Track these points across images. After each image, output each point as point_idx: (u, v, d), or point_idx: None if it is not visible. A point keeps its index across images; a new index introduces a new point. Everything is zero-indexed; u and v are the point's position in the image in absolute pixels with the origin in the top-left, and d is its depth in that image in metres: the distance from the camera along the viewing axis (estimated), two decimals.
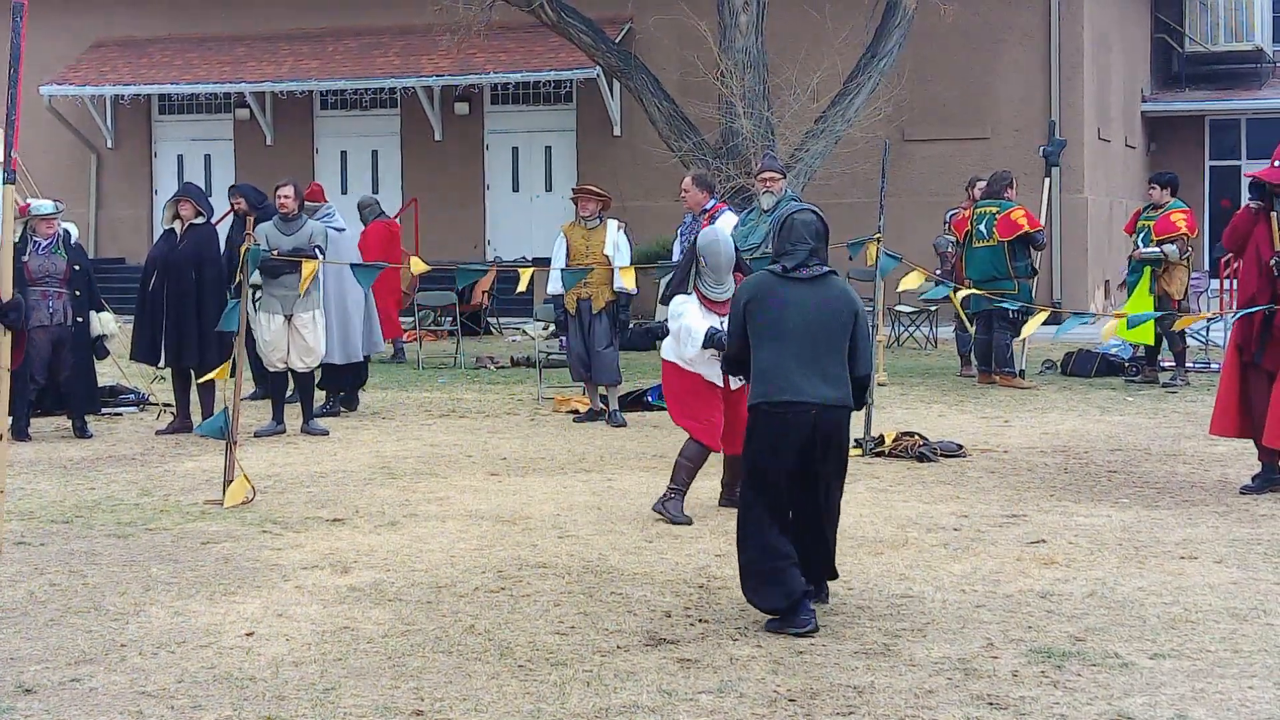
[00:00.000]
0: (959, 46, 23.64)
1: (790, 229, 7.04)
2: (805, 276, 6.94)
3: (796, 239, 7.00)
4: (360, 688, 5.85)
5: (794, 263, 6.96)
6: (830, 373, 6.80)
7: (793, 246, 7.00)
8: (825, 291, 6.94)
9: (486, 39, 21.58)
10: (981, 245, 15.75)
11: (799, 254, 6.97)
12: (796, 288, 6.90)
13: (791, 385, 6.75)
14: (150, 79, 26.70)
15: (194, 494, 9.89)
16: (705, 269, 8.82)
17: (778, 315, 6.86)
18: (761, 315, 6.91)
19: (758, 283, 7.06)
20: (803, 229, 7.01)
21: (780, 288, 6.94)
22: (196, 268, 12.37)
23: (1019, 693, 5.77)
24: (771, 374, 6.81)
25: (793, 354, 6.79)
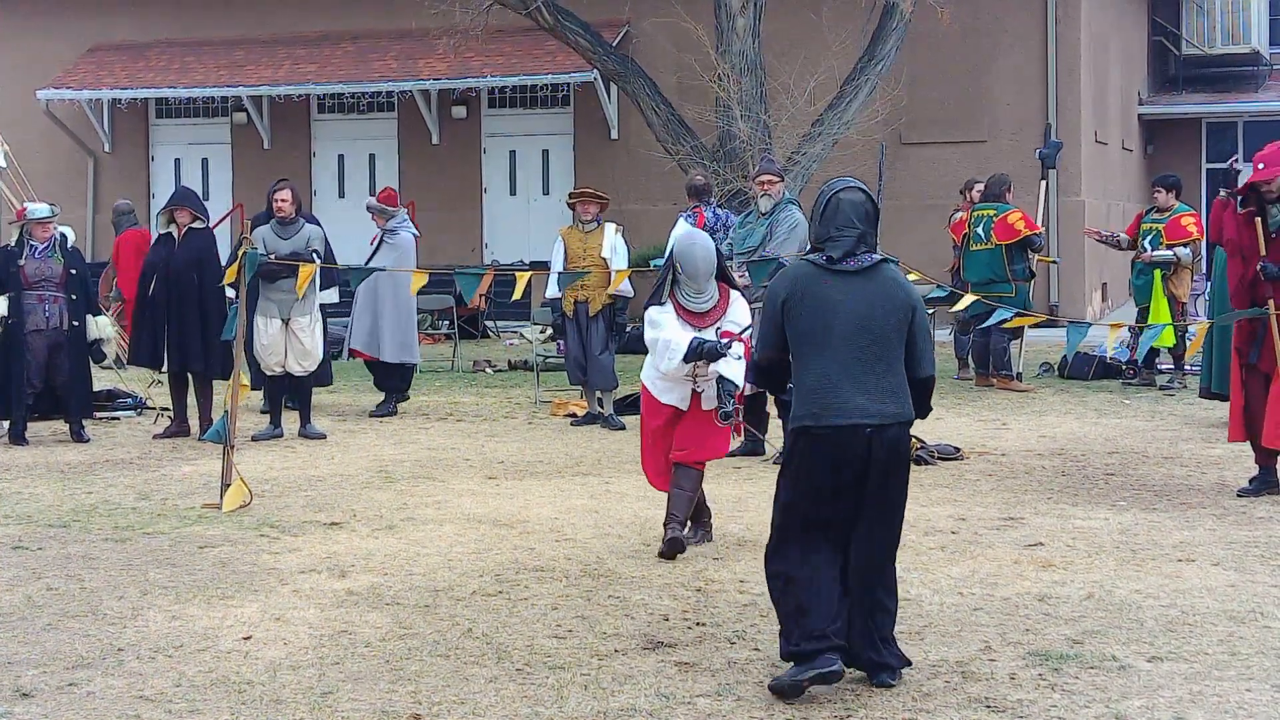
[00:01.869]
0: (956, 49, 23.65)
1: (835, 210, 5.95)
2: (854, 268, 5.89)
3: (843, 222, 5.92)
4: (358, 691, 5.85)
5: (840, 251, 5.89)
6: (886, 383, 5.80)
7: (839, 231, 5.91)
8: (878, 285, 5.90)
9: (484, 43, 21.56)
10: (979, 248, 15.76)
11: (845, 240, 5.90)
12: (844, 282, 5.86)
13: (843, 403, 5.75)
14: (147, 83, 26.68)
15: (191, 498, 9.89)
16: (682, 277, 8.00)
17: (824, 318, 5.81)
18: (805, 318, 5.84)
19: (796, 276, 5.97)
20: (850, 211, 5.94)
21: (825, 283, 5.87)
22: (198, 272, 12.36)
23: (1016, 695, 5.77)
24: (820, 390, 5.78)
25: (842, 364, 5.77)
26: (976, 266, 15.76)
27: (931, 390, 6.07)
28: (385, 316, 13.62)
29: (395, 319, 13.71)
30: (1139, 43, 29.57)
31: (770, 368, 6.12)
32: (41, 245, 12.37)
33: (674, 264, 8.01)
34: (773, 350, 6.03)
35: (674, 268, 8.01)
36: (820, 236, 5.98)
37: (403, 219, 14.10)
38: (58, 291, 12.33)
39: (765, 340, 6.06)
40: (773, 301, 5.98)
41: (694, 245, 7.98)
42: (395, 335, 13.72)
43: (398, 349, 13.77)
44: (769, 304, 6.02)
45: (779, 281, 6.07)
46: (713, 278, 8.00)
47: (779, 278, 6.15)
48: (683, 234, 8.26)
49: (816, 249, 6.00)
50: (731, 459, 11.36)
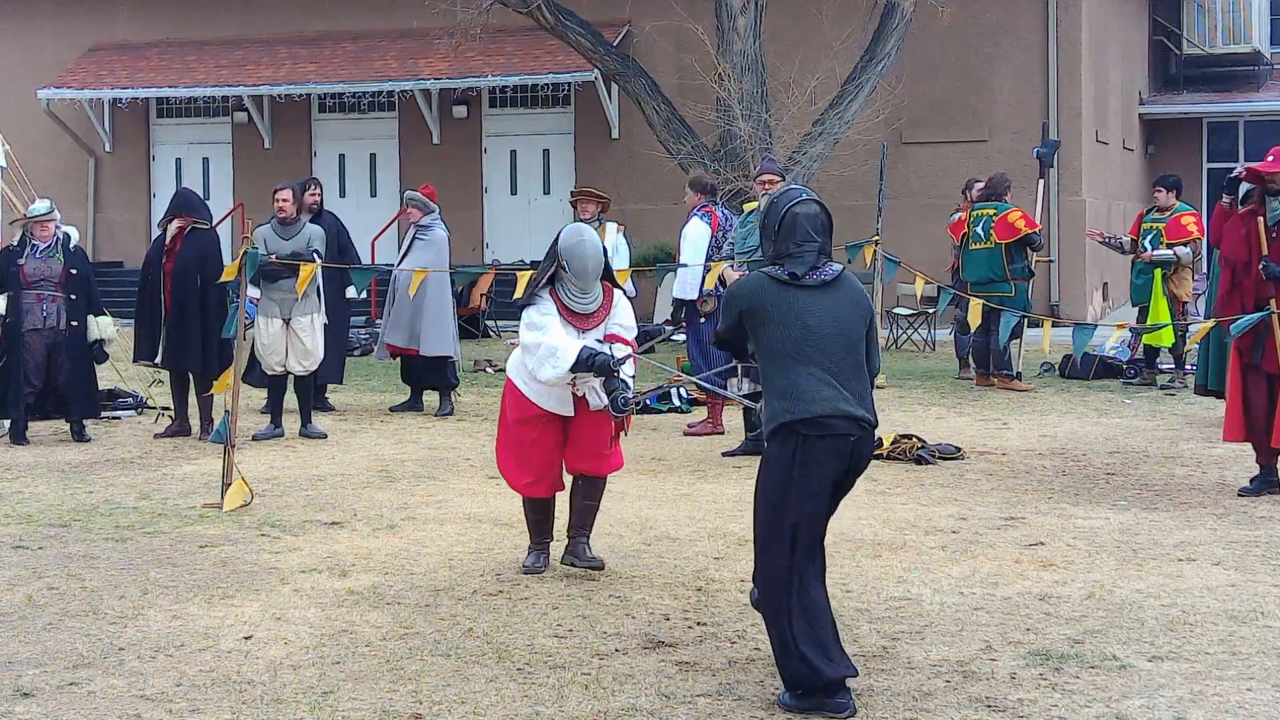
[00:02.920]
0: (957, 49, 23.65)
1: (793, 225, 5.88)
2: (817, 282, 5.84)
3: (802, 237, 5.86)
4: (358, 691, 5.85)
5: (804, 268, 5.84)
6: (857, 390, 5.81)
7: (798, 248, 5.86)
8: (845, 295, 5.88)
9: (484, 42, 21.58)
10: (979, 247, 15.75)
11: (807, 256, 5.85)
12: (812, 297, 5.80)
13: (828, 402, 5.72)
14: (148, 82, 26.69)
15: (192, 497, 9.89)
16: (568, 275, 7.39)
17: (798, 333, 5.75)
18: (774, 334, 5.79)
19: (754, 290, 5.88)
20: (808, 224, 5.88)
21: (790, 299, 5.80)
22: (200, 272, 12.36)
23: (1017, 695, 5.78)
24: (799, 391, 5.73)
25: (823, 372, 5.74)
26: (976, 266, 15.76)
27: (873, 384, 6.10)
28: (425, 313, 13.64)
29: (436, 314, 13.77)
30: (1140, 42, 29.57)
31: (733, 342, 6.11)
32: (43, 245, 12.37)
33: (559, 261, 7.40)
34: (732, 335, 6.02)
35: (557, 265, 7.41)
36: (779, 252, 5.90)
37: (437, 215, 14.14)
38: (56, 291, 12.32)
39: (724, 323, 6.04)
40: (729, 311, 5.97)
41: (583, 241, 7.40)
42: (434, 330, 13.74)
43: (437, 343, 13.80)
44: (727, 306, 6.01)
45: (736, 294, 5.98)
46: (599, 278, 7.47)
47: (737, 289, 6.02)
48: (570, 229, 7.56)
49: (774, 262, 5.92)
50: (731, 459, 11.38)
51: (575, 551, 7.66)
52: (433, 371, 14.04)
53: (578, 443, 7.57)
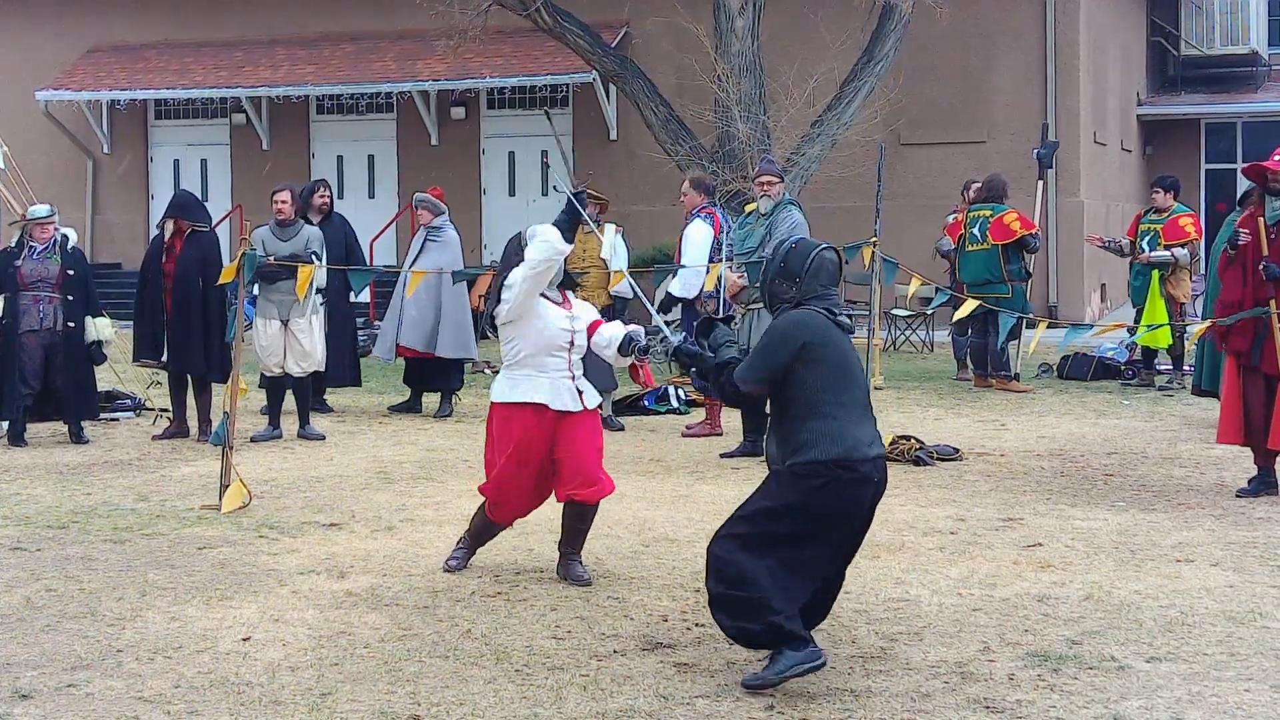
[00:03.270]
0: (955, 50, 23.66)
1: (819, 268, 6.21)
2: (848, 325, 6.27)
3: (827, 280, 6.23)
4: (357, 692, 5.85)
5: (836, 309, 6.23)
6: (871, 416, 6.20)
7: (824, 289, 6.22)
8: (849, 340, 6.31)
9: (483, 43, 21.56)
10: (975, 249, 15.76)
11: (833, 298, 6.25)
12: (843, 337, 6.19)
13: (866, 440, 6.04)
14: (146, 84, 26.69)
15: (190, 499, 9.89)
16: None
17: (844, 366, 6.10)
18: (829, 365, 6.06)
19: (816, 325, 6.13)
20: (832, 269, 6.26)
21: (835, 335, 6.15)
22: (201, 275, 12.36)
23: (1015, 696, 5.78)
24: (844, 433, 5.99)
25: (859, 408, 6.10)
26: (972, 267, 15.76)
27: None
28: (445, 315, 13.66)
29: (456, 316, 13.78)
30: (1138, 43, 29.58)
31: (754, 399, 6.32)
32: (40, 246, 12.36)
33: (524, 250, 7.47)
34: (765, 385, 6.14)
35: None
36: (806, 293, 6.18)
37: (447, 217, 14.15)
38: (53, 292, 12.32)
39: (758, 373, 6.14)
40: (789, 342, 6.07)
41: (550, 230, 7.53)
42: (453, 332, 13.76)
43: (457, 345, 13.80)
44: (779, 342, 6.09)
45: (797, 326, 6.12)
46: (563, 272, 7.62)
47: (795, 322, 6.15)
48: (536, 227, 7.60)
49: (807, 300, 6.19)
50: (729, 460, 11.38)
51: (567, 568, 7.65)
52: (441, 374, 14.03)
53: (568, 469, 7.54)
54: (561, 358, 7.54)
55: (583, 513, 7.63)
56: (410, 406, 14.19)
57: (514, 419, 7.52)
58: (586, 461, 7.57)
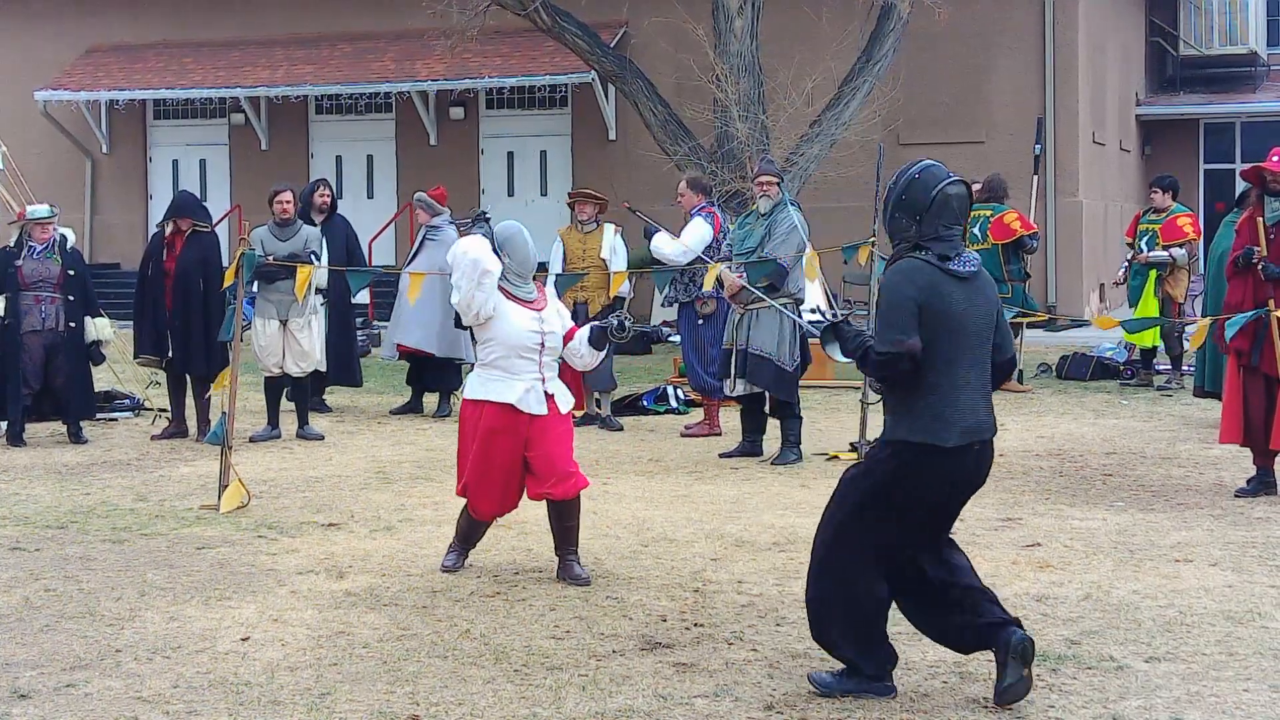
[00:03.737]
0: (954, 50, 23.66)
1: (944, 205, 5.49)
2: (965, 273, 5.51)
3: (951, 219, 5.50)
4: (356, 692, 5.85)
5: (953, 251, 5.48)
6: (988, 392, 5.62)
7: (947, 230, 5.48)
8: (981, 289, 5.57)
9: (481, 43, 21.57)
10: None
11: (955, 241, 5.49)
12: (957, 289, 5.48)
13: (967, 419, 5.50)
14: (145, 84, 26.69)
15: (189, 499, 9.89)
16: (510, 264, 7.53)
17: (949, 328, 5.43)
18: (930, 327, 5.42)
19: (928, 278, 5.46)
20: (958, 207, 5.52)
21: (942, 288, 5.45)
22: (202, 275, 12.36)
23: None
24: (948, 405, 5.46)
25: (965, 378, 5.49)
26: None
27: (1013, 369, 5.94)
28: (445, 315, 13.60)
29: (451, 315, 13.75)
30: (1136, 43, 29.58)
31: (914, 358, 5.42)
32: (40, 246, 12.36)
33: (501, 252, 7.51)
34: (912, 337, 5.41)
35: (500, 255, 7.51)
36: (926, 234, 5.49)
37: (447, 217, 14.13)
38: (54, 292, 12.32)
39: (907, 326, 5.41)
40: (899, 302, 5.44)
41: (521, 231, 7.63)
42: (452, 332, 13.71)
43: (453, 345, 13.76)
44: (899, 296, 5.45)
45: (904, 280, 5.48)
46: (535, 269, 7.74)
47: (902, 276, 5.50)
48: (505, 223, 7.75)
49: (918, 247, 5.51)
50: (728, 459, 11.38)
51: (566, 569, 7.64)
52: (440, 374, 14.02)
53: (540, 467, 7.55)
54: (532, 360, 7.55)
55: (562, 510, 7.62)
56: (411, 407, 14.19)
57: (483, 416, 7.57)
58: (558, 460, 7.57)
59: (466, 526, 7.87)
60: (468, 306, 7.51)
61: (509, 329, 7.49)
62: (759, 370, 11.19)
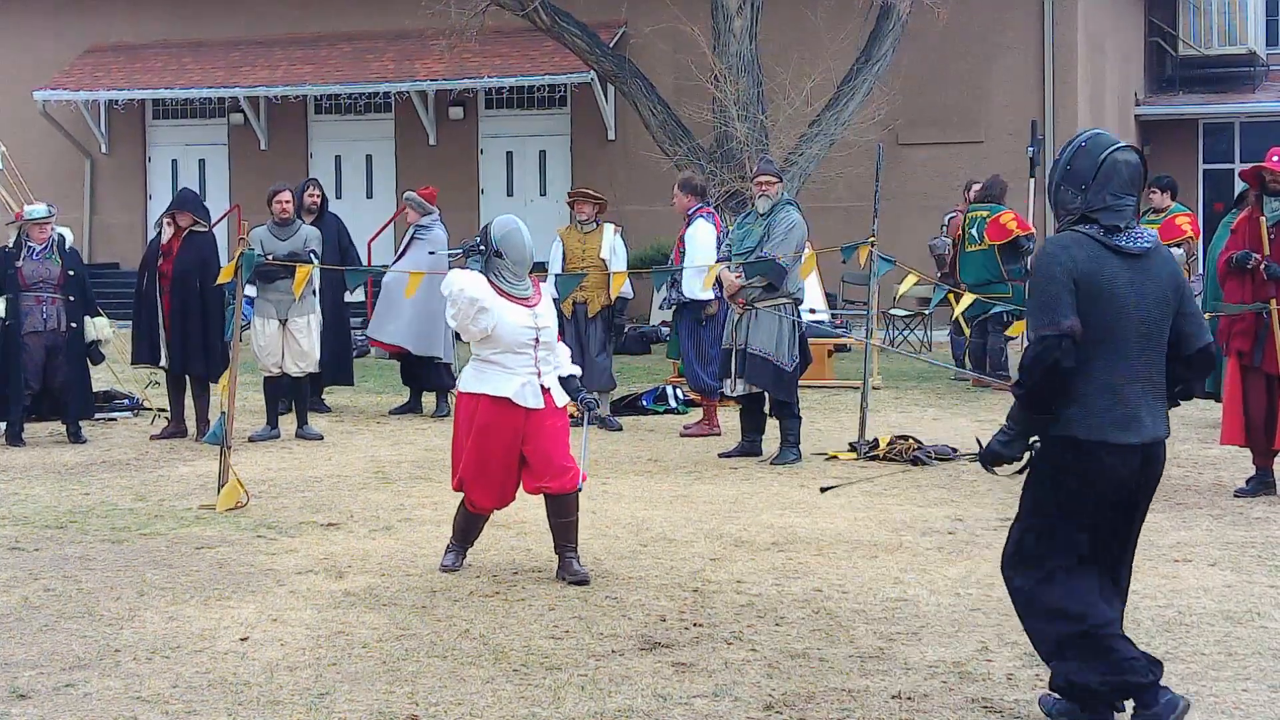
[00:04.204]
0: (953, 50, 23.67)
1: (1113, 172, 4.99)
2: (1137, 250, 4.97)
3: (1121, 189, 4.98)
4: (355, 692, 5.85)
5: (1123, 222, 4.95)
6: (1159, 391, 5.10)
7: (1116, 199, 4.96)
8: (1157, 269, 5.01)
9: (481, 43, 21.58)
10: (974, 249, 15.78)
11: (1125, 211, 4.96)
12: (1124, 268, 4.94)
13: (1134, 419, 5.00)
14: (144, 84, 26.69)
15: (188, 499, 9.88)
16: (506, 261, 7.54)
17: (1113, 312, 4.91)
18: (1090, 309, 4.92)
19: (1087, 252, 4.94)
20: (1129, 175, 5.00)
21: (1106, 266, 4.92)
22: (200, 275, 12.36)
23: (1014, 696, 5.78)
24: (1104, 398, 4.97)
25: (1127, 370, 4.97)
26: (972, 268, 15.78)
27: (1213, 365, 5.28)
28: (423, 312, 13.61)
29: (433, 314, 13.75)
30: (1135, 43, 29.59)
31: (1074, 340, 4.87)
32: (39, 247, 12.36)
33: (493, 249, 7.52)
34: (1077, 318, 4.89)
35: (491, 254, 7.53)
36: (1092, 204, 4.98)
37: (436, 217, 14.14)
38: (55, 293, 12.32)
39: (1062, 305, 4.89)
40: (1053, 280, 4.93)
41: (518, 230, 7.58)
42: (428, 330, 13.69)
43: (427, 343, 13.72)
44: (1051, 271, 4.95)
45: (1059, 252, 4.97)
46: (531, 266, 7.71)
47: (1057, 248, 4.99)
48: (502, 219, 7.70)
49: (1087, 219, 5.01)
50: (728, 459, 11.38)
51: (566, 567, 7.64)
52: (433, 372, 14.03)
53: (536, 462, 7.56)
54: (527, 355, 7.56)
55: (560, 506, 7.62)
56: (410, 407, 14.19)
57: (479, 409, 7.59)
58: (554, 454, 7.58)
59: (464, 523, 7.87)
60: (465, 334, 7.59)
61: (504, 327, 7.50)
62: (758, 370, 11.20)
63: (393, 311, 13.70)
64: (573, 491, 7.62)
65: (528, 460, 7.59)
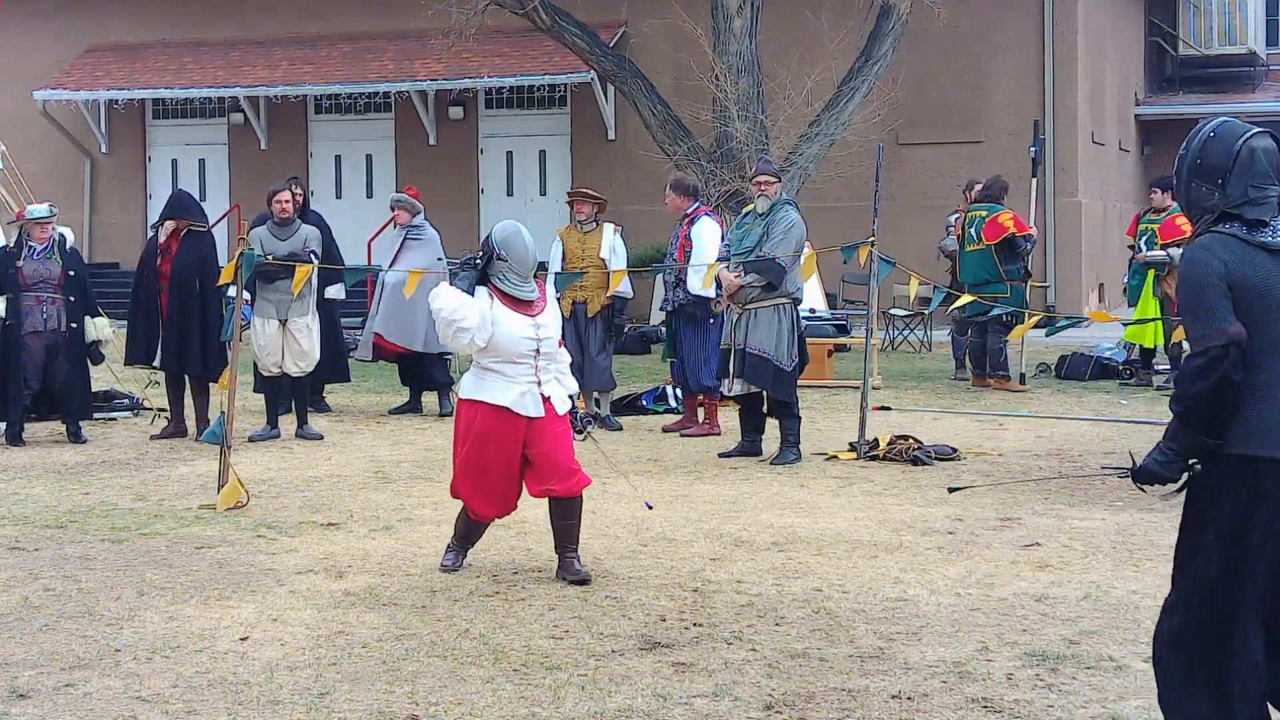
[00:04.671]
0: (953, 50, 23.67)
1: (1251, 162, 4.55)
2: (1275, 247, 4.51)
3: (1262, 179, 4.55)
4: (355, 692, 5.85)
5: (1268, 215, 4.53)
6: None
7: (1258, 190, 4.54)
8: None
9: (480, 43, 21.56)
10: (972, 249, 15.78)
11: (1269, 205, 4.54)
12: (1274, 264, 4.49)
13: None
14: (144, 83, 26.70)
15: (188, 499, 9.88)
16: (509, 264, 7.49)
17: (1265, 315, 4.45)
18: (1250, 310, 4.45)
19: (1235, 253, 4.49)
20: (1268, 162, 4.57)
21: (1255, 264, 4.48)
22: (199, 276, 12.35)
23: (1014, 696, 5.78)
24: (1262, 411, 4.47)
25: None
26: (971, 268, 15.78)
27: None
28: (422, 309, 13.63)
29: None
30: (1136, 43, 29.59)
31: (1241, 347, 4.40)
32: (40, 247, 12.36)
33: (495, 254, 7.48)
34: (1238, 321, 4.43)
35: (493, 258, 7.49)
36: (1233, 199, 4.54)
37: (424, 216, 14.20)
38: (55, 293, 12.32)
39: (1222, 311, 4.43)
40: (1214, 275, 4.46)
41: (520, 233, 7.55)
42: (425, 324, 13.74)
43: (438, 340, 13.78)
44: (1204, 275, 4.48)
45: (1208, 255, 4.50)
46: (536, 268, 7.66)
47: (1205, 251, 4.53)
48: (504, 223, 7.67)
49: (1227, 216, 4.57)
50: (728, 459, 11.38)
51: (566, 567, 7.63)
52: (430, 370, 14.02)
53: (542, 464, 7.54)
54: (528, 364, 7.55)
55: (565, 509, 7.60)
56: (411, 407, 14.19)
57: (478, 415, 7.57)
58: (561, 458, 7.57)
59: (465, 528, 7.87)
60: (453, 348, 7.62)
61: (504, 336, 7.48)
62: (758, 370, 11.19)
63: (397, 311, 13.69)
64: (579, 495, 7.61)
65: (533, 463, 7.57)
